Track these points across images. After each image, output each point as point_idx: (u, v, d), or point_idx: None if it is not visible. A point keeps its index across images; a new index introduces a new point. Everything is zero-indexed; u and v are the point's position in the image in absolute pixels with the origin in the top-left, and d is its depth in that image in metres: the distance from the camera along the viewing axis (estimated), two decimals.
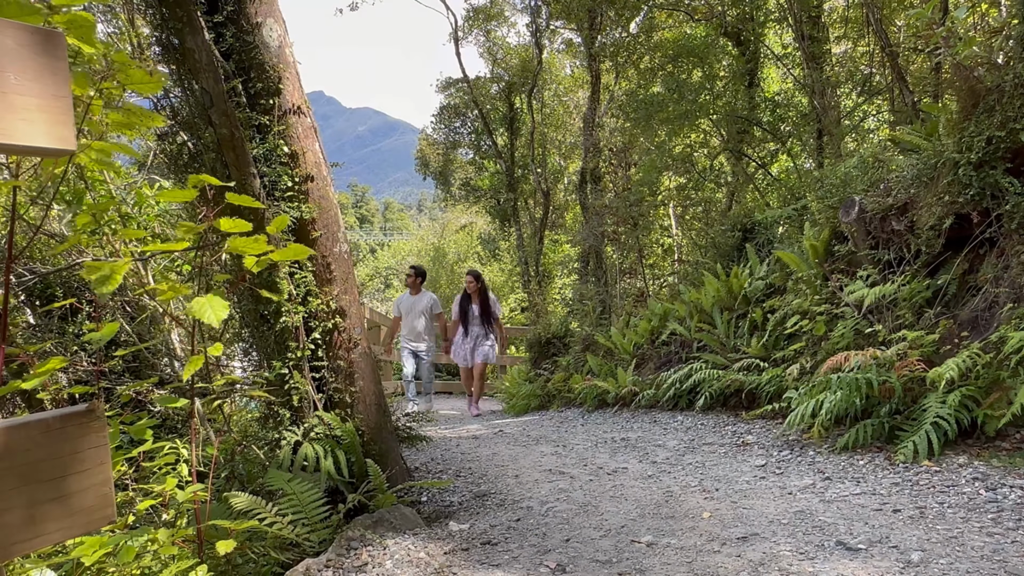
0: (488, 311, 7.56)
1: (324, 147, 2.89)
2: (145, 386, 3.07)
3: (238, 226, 1.35)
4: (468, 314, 7.59)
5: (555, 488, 2.80)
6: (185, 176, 2.30)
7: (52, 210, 3.90)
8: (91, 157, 1.23)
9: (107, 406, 2.57)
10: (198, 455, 2.37)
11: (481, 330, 7.55)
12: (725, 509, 2.29)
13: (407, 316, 7.46)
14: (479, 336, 7.59)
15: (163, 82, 1.13)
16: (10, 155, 1.26)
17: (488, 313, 7.57)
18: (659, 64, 10.22)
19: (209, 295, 1.29)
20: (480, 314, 7.55)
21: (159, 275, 3.84)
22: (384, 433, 2.85)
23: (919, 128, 4.19)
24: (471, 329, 7.58)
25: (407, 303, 7.48)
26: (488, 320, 7.58)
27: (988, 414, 2.64)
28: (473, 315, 7.57)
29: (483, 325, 7.58)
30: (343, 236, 2.85)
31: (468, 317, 7.58)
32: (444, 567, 1.86)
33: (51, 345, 3.55)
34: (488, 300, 7.61)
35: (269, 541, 2.06)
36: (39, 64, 0.70)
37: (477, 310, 7.55)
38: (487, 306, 7.58)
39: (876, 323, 3.39)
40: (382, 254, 29.94)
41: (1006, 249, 3.17)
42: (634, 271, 10.93)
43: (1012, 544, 1.77)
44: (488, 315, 7.57)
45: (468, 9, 16.61)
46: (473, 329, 7.56)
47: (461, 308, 7.65)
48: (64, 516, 0.73)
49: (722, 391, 4.45)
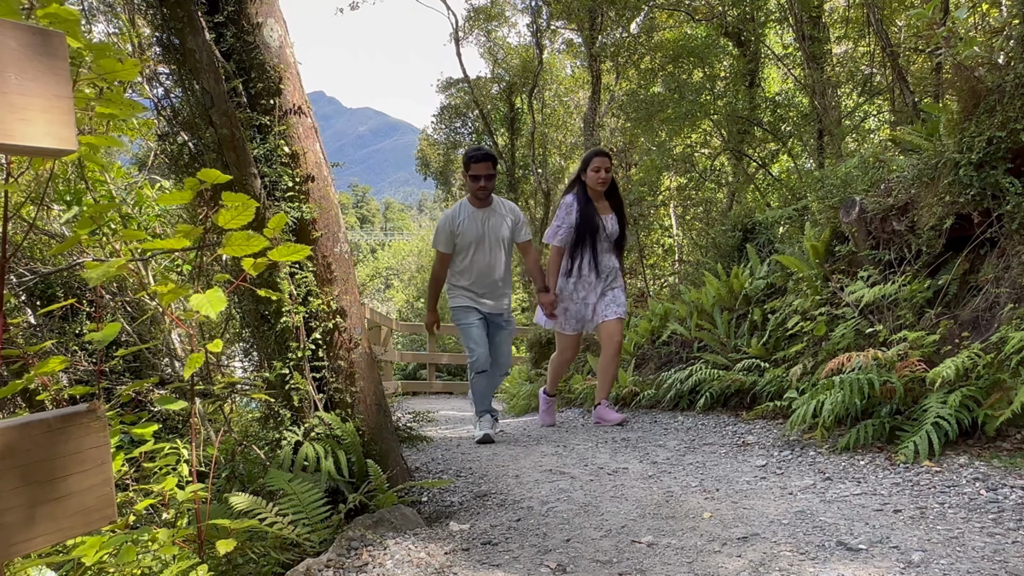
0: (625, 225, 4.62)
1: (325, 147, 2.89)
2: (145, 386, 3.07)
3: (235, 219, 1.35)
4: (595, 234, 4.40)
5: (555, 488, 2.80)
6: (186, 176, 2.30)
7: (52, 210, 3.90)
8: (81, 151, 1.23)
9: (107, 406, 2.57)
10: (199, 455, 2.38)
11: (612, 263, 4.52)
12: (726, 509, 2.29)
13: (472, 249, 4.28)
14: (610, 274, 4.51)
15: (138, 66, 1.12)
16: (11, 155, 1.26)
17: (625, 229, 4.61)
18: (660, 64, 10.23)
19: (209, 291, 1.29)
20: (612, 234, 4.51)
21: (160, 275, 3.85)
22: (385, 433, 2.85)
23: (920, 128, 4.18)
24: (598, 262, 4.45)
25: (471, 224, 4.25)
26: (623, 244, 4.62)
27: (989, 414, 2.63)
28: (603, 235, 4.44)
29: (612, 252, 4.53)
30: (344, 236, 2.85)
31: (594, 240, 4.41)
32: (444, 567, 1.86)
33: (51, 345, 3.55)
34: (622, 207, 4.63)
35: (270, 541, 2.06)
36: (40, 65, 0.70)
37: (611, 224, 4.48)
38: (622, 215, 4.58)
39: (877, 323, 3.39)
40: (383, 254, 29.94)
41: (1007, 249, 3.17)
42: (634, 271, 10.92)
43: (1013, 544, 1.77)
44: (625, 235, 4.61)
45: (469, 9, 16.63)
46: (601, 262, 4.46)
47: (582, 223, 4.39)
48: (65, 516, 0.73)
49: (723, 391, 4.45)
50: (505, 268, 4.39)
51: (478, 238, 4.27)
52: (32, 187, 3.20)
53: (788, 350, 4.07)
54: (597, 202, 4.49)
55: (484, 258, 4.30)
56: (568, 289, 4.52)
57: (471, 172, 4.20)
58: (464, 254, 4.30)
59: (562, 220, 4.47)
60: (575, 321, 4.58)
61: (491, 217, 4.30)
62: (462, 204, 4.34)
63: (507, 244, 4.37)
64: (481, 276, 4.32)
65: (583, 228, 4.41)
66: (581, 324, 4.60)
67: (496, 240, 4.31)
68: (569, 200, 4.48)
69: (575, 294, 4.52)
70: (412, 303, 18.30)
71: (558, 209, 4.54)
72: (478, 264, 4.31)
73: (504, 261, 4.37)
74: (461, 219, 4.27)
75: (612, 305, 4.48)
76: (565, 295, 4.51)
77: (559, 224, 4.48)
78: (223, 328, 3.32)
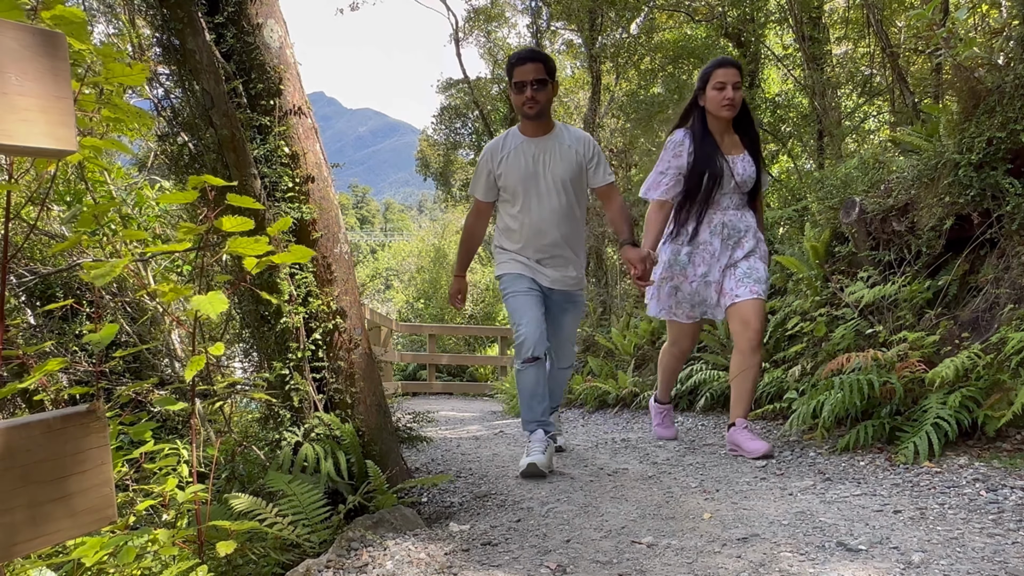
0: (763, 165, 3.33)
1: (325, 148, 2.89)
2: (145, 387, 3.07)
3: (240, 225, 1.36)
4: (717, 182, 3.17)
5: (556, 489, 2.80)
6: (186, 177, 2.30)
7: (52, 211, 3.90)
8: (83, 154, 1.23)
9: (107, 407, 2.57)
10: (199, 456, 2.38)
11: (745, 222, 3.27)
12: (725, 510, 2.29)
13: (521, 195, 3.12)
14: (744, 237, 3.26)
15: (146, 71, 1.13)
16: (11, 156, 1.26)
17: (762, 171, 3.32)
18: (660, 65, 10.23)
19: (210, 293, 1.30)
20: (745, 181, 3.24)
21: (160, 276, 3.85)
22: (384, 434, 2.85)
23: (920, 129, 4.19)
24: (725, 222, 3.23)
25: (518, 159, 3.09)
26: (759, 192, 3.34)
27: (989, 415, 2.63)
28: (731, 184, 3.20)
29: (744, 207, 3.29)
30: (344, 237, 2.85)
31: (716, 190, 3.19)
32: (444, 567, 1.86)
33: (51, 346, 3.55)
34: (758, 142, 3.34)
35: (270, 542, 2.06)
36: (40, 65, 0.70)
37: (742, 167, 3.22)
38: (758, 154, 3.29)
39: (877, 324, 3.39)
40: (383, 255, 29.92)
41: (1007, 250, 3.17)
42: None
43: (1013, 545, 1.77)
44: (761, 180, 3.32)
45: (469, 10, 16.62)
46: (728, 221, 3.24)
47: (698, 166, 3.17)
48: (65, 517, 0.73)
49: (723, 392, 4.45)
50: (571, 223, 3.13)
51: (529, 179, 3.04)
52: (33, 188, 3.20)
53: (788, 351, 4.07)
54: (721, 137, 3.19)
55: (539, 209, 3.07)
56: (679, 263, 3.26)
57: (514, 79, 2.99)
58: (511, 203, 3.11)
59: (667, 165, 3.19)
60: (689, 306, 3.35)
61: (549, 150, 3.06)
62: (510, 132, 3.15)
63: (574, 188, 3.10)
64: (536, 235, 3.10)
65: (700, 174, 3.13)
66: (701, 309, 3.35)
67: (556, 182, 3.05)
68: (678, 136, 3.20)
69: (690, 269, 3.26)
70: (412, 304, 18.29)
71: (663, 151, 3.25)
72: (532, 217, 3.08)
73: (570, 213, 3.10)
74: (505, 152, 3.08)
75: (746, 280, 3.16)
76: (676, 271, 3.28)
77: (663, 170, 3.20)
78: (223, 329, 3.33)
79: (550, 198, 3.09)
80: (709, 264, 3.27)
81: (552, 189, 3.08)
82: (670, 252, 3.32)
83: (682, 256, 3.30)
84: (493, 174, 3.14)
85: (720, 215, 3.24)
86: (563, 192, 3.09)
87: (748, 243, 3.26)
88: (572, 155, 3.10)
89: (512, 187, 3.11)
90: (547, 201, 3.09)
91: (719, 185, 3.18)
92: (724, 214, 3.24)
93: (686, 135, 3.22)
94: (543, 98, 3.01)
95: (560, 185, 3.09)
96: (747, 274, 3.21)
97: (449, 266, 17.77)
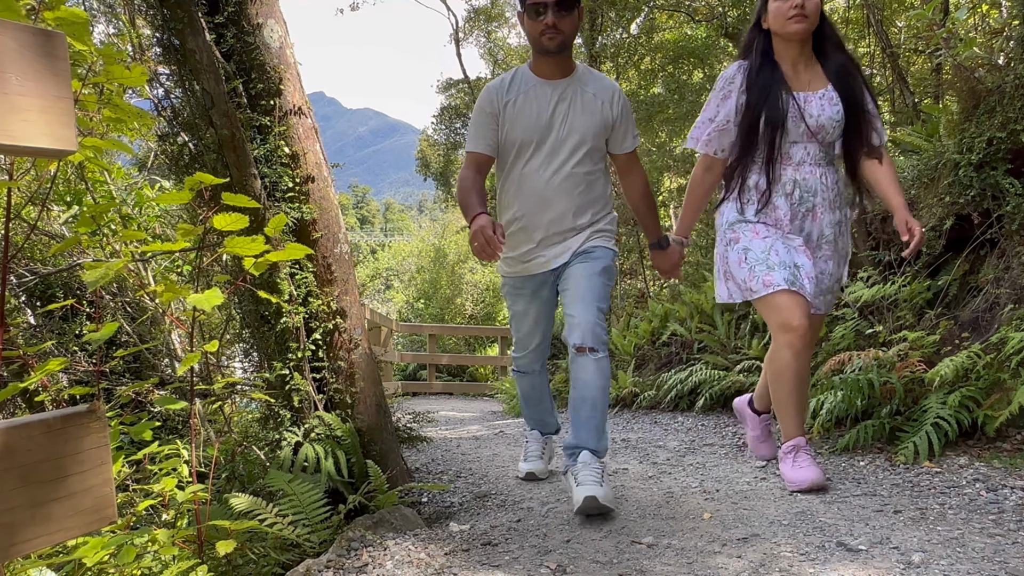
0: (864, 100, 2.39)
1: (325, 148, 2.89)
2: (145, 387, 3.07)
3: (235, 223, 1.36)
4: (780, 127, 2.34)
5: (556, 489, 2.80)
6: (186, 177, 2.31)
7: (52, 211, 3.90)
8: (84, 154, 1.24)
9: (107, 407, 2.57)
10: (198, 456, 2.38)
11: (821, 177, 2.42)
12: (726, 510, 2.29)
13: (525, 154, 2.40)
14: (813, 201, 2.42)
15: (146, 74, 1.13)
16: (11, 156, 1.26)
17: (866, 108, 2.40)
18: (660, 65, 10.23)
19: (207, 291, 1.30)
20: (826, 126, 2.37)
21: (160, 276, 3.85)
22: (384, 434, 2.85)
23: (920, 129, 4.19)
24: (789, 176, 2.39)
25: (531, 105, 2.37)
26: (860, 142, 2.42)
27: (989, 415, 2.63)
28: (801, 128, 2.36)
29: (828, 162, 2.46)
30: (344, 237, 2.85)
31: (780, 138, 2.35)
32: (444, 568, 1.86)
33: (51, 346, 3.55)
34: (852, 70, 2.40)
35: (270, 542, 2.06)
36: (41, 65, 0.70)
37: (819, 106, 2.36)
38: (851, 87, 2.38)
39: (877, 324, 3.39)
40: (383, 255, 29.89)
41: (1007, 250, 3.17)
42: (634, 272, 10.92)
43: (1013, 545, 1.77)
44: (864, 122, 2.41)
45: (469, 10, 16.61)
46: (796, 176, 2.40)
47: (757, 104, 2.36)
48: (65, 516, 0.73)
49: (723, 392, 4.45)
50: (587, 195, 2.39)
51: (540, 132, 2.33)
52: (33, 188, 3.20)
53: None
54: (794, 67, 2.39)
55: (545, 173, 2.34)
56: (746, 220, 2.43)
57: (529, 1, 2.25)
58: (511, 164, 2.40)
59: (714, 110, 2.43)
60: (765, 268, 2.31)
61: (569, 97, 2.35)
62: (518, 72, 2.43)
63: (595, 151, 2.39)
64: (538, 207, 2.37)
65: (754, 119, 2.34)
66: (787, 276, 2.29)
67: (574, 140, 2.34)
68: (729, 72, 2.44)
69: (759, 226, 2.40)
70: (412, 304, 18.28)
71: (713, 90, 2.49)
72: (534, 183, 2.35)
73: (586, 182, 2.37)
74: (512, 96, 2.36)
75: (829, 261, 2.48)
76: (742, 228, 2.43)
77: (710, 116, 2.44)
78: (223, 329, 3.33)
79: (562, 159, 2.35)
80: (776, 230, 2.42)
81: (567, 148, 2.35)
82: (732, 210, 2.49)
83: (749, 214, 2.43)
84: (498, 119, 2.36)
85: (792, 171, 2.38)
86: (579, 153, 2.36)
87: (824, 214, 2.42)
88: (598, 107, 2.37)
89: (515, 141, 2.37)
90: (558, 163, 2.34)
91: (783, 132, 2.34)
92: (797, 170, 2.38)
93: (739, 68, 2.44)
94: (567, 27, 2.27)
95: (578, 143, 2.35)
96: (835, 249, 2.51)
97: (449, 266, 17.19)
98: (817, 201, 2.43)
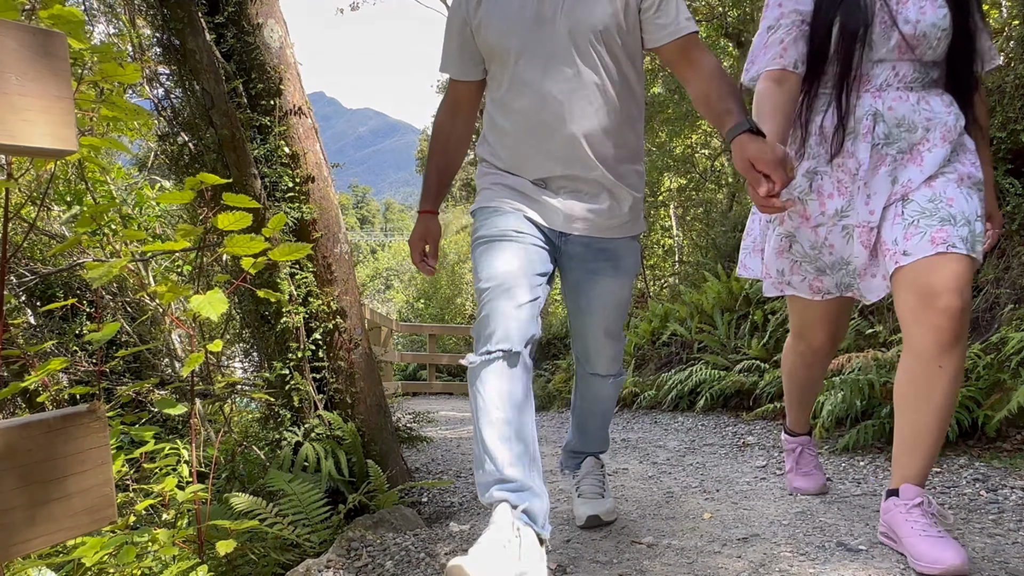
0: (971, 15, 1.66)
1: (325, 148, 2.89)
2: (146, 387, 3.08)
3: (237, 222, 1.36)
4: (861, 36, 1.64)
5: (555, 489, 2.79)
6: (186, 177, 2.31)
7: (52, 211, 3.91)
8: (82, 153, 1.24)
9: (107, 407, 2.57)
10: (199, 455, 2.38)
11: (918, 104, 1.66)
12: (726, 510, 2.29)
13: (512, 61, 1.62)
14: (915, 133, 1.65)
15: (139, 71, 1.13)
16: (11, 156, 1.27)
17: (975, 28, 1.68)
18: (659, 65, 10.23)
19: (209, 292, 1.30)
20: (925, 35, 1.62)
21: (160, 276, 3.85)
22: (384, 433, 2.85)
23: None
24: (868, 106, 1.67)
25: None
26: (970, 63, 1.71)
27: (988, 415, 2.63)
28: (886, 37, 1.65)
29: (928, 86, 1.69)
30: (344, 237, 2.85)
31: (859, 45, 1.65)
32: (445, 568, 1.86)
33: (51, 346, 3.55)
34: None
35: (270, 541, 2.06)
36: (41, 65, 0.70)
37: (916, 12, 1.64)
38: None
39: (877, 324, 3.39)
40: (383, 255, 29.88)
41: (1007, 250, 3.17)
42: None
43: (1013, 545, 1.77)
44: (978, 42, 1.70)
45: None
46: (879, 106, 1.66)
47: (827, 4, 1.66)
48: (65, 516, 0.73)
49: (723, 392, 4.45)
50: (607, 112, 1.68)
51: (527, 29, 1.64)
52: (32, 187, 3.20)
53: None
54: None
55: (545, 82, 1.64)
56: (794, 188, 1.81)
57: None
58: (498, 79, 1.73)
59: (778, 13, 1.78)
60: (814, 270, 1.87)
61: None
62: None
63: (615, 49, 1.66)
64: (539, 131, 1.68)
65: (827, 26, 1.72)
66: (837, 277, 1.86)
67: (577, 34, 1.63)
68: None
69: (812, 201, 1.79)
70: (412, 304, 18.29)
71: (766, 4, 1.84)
72: (531, 99, 1.67)
73: (604, 93, 1.67)
74: None
75: (927, 221, 1.61)
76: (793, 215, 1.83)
77: (772, 23, 1.79)
78: (223, 329, 3.33)
79: (565, 62, 1.64)
80: (849, 192, 1.74)
81: (569, 46, 1.63)
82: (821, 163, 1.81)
83: (800, 179, 1.80)
84: (469, 25, 1.72)
85: (872, 100, 1.71)
86: (591, 52, 1.64)
87: (933, 150, 1.67)
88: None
89: (496, 46, 1.68)
90: (560, 68, 1.64)
91: (866, 44, 1.70)
92: (880, 97, 1.71)
93: None
94: None
95: (585, 39, 1.63)
96: (929, 211, 1.62)
97: (449, 266, 16.61)
98: (920, 132, 1.69)
